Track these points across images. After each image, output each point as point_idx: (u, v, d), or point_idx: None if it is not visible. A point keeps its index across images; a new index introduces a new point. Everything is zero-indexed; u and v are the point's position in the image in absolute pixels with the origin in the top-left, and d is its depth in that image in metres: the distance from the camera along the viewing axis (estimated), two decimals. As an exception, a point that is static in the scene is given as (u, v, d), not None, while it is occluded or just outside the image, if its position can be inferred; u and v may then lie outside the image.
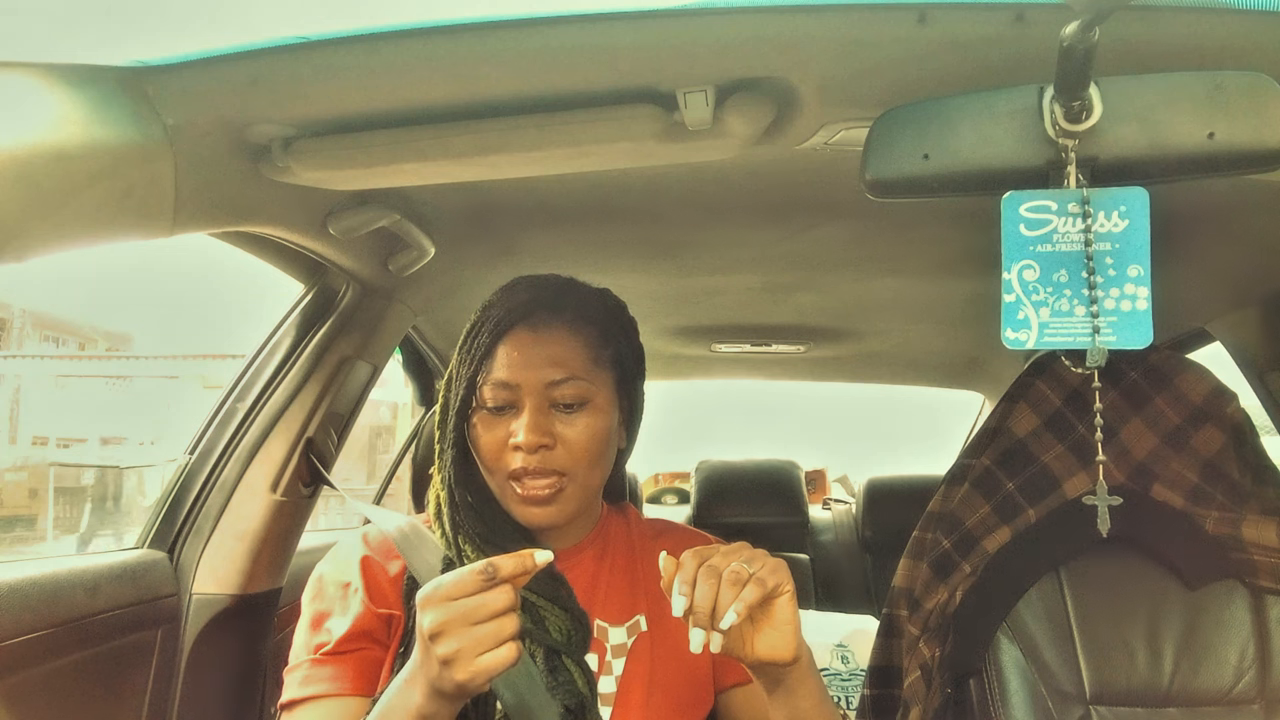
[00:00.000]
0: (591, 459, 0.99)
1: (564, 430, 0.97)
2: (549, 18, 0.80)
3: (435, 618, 0.76)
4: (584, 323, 1.02)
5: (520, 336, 0.99)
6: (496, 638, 0.76)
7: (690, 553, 0.82)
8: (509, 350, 0.99)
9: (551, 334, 1.00)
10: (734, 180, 1.26)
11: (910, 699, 1.32)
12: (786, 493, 3.09)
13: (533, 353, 0.98)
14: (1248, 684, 1.23)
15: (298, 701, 0.94)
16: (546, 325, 1.00)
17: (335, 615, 0.97)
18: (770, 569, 0.81)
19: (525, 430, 0.95)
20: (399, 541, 1.01)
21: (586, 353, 1.00)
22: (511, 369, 0.97)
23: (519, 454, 0.96)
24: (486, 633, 0.76)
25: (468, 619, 0.76)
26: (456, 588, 0.77)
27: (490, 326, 1.00)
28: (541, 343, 0.99)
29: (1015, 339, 0.79)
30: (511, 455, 0.97)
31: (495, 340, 0.99)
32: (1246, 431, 1.32)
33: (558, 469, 0.97)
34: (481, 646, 0.76)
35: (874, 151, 0.82)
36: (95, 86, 0.83)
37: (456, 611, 0.76)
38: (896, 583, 1.42)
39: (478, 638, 0.76)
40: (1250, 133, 0.76)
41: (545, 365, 0.98)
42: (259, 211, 1.14)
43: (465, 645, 0.76)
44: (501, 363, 0.98)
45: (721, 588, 0.78)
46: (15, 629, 1.12)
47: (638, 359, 1.09)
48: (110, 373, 12.12)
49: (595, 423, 0.99)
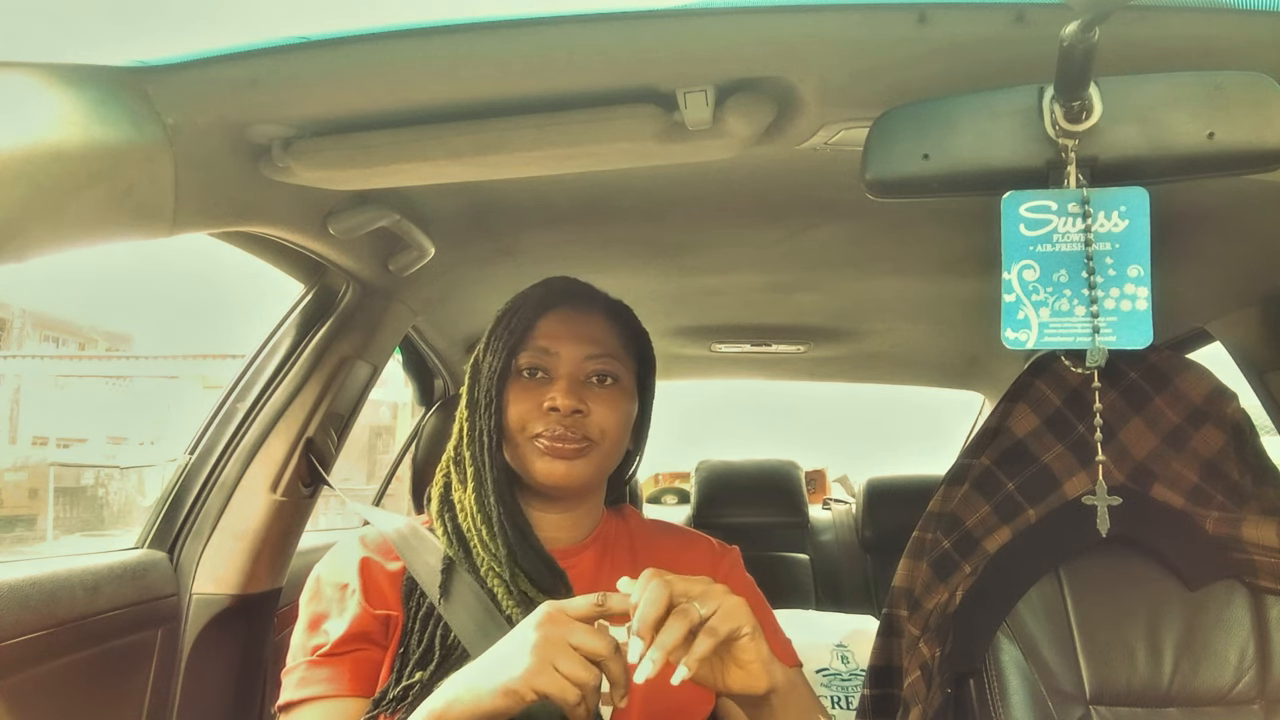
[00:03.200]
0: (616, 434, 1.03)
1: (595, 403, 1.02)
2: (549, 18, 0.80)
3: (547, 612, 0.81)
4: (615, 316, 1.10)
5: (562, 313, 1.05)
6: (575, 670, 0.77)
7: (648, 587, 0.80)
8: (550, 324, 1.04)
9: (589, 316, 1.07)
10: (734, 180, 1.26)
11: (910, 699, 1.32)
12: (786, 493, 3.09)
13: (573, 328, 1.04)
14: (1248, 684, 1.23)
15: (295, 703, 0.94)
16: (585, 309, 1.07)
17: (333, 616, 0.97)
18: (725, 614, 0.80)
19: (562, 394, 0.99)
20: (398, 543, 1.01)
21: (617, 339, 1.07)
22: (552, 339, 1.03)
23: (553, 416, 0.99)
24: (574, 658, 0.78)
25: (567, 633, 0.79)
26: (574, 608, 0.81)
27: (531, 305, 1.05)
28: (580, 321, 1.05)
29: (1015, 339, 0.79)
30: (544, 418, 1.00)
31: (536, 315, 1.05)
32: (1246, 431, 1.32)
33: (588, 435, 1.01)
34: (563, 662, 0.77)
35: (874, 151, 0.82)
36: (95, 86, 0.83)
37: (566, 621, 0.80)
38: (896, 583, 1.42)
39: (566, 652, 0.78)
40: (1250, 133, 0.76)
41: (584, 340, 1.04)
42: (259, 211, 1.14)
43: (557, 644, 0.78)
44: (542, 333, 1.04)
45: (671, 647, 0.77)
46: (15, 629, 1.12)
47: (651, 368, 1.14)
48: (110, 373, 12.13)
49: (622, 401, 1.04)
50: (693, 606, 0.79)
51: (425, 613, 0.97)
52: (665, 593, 0.79)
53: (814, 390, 3.31)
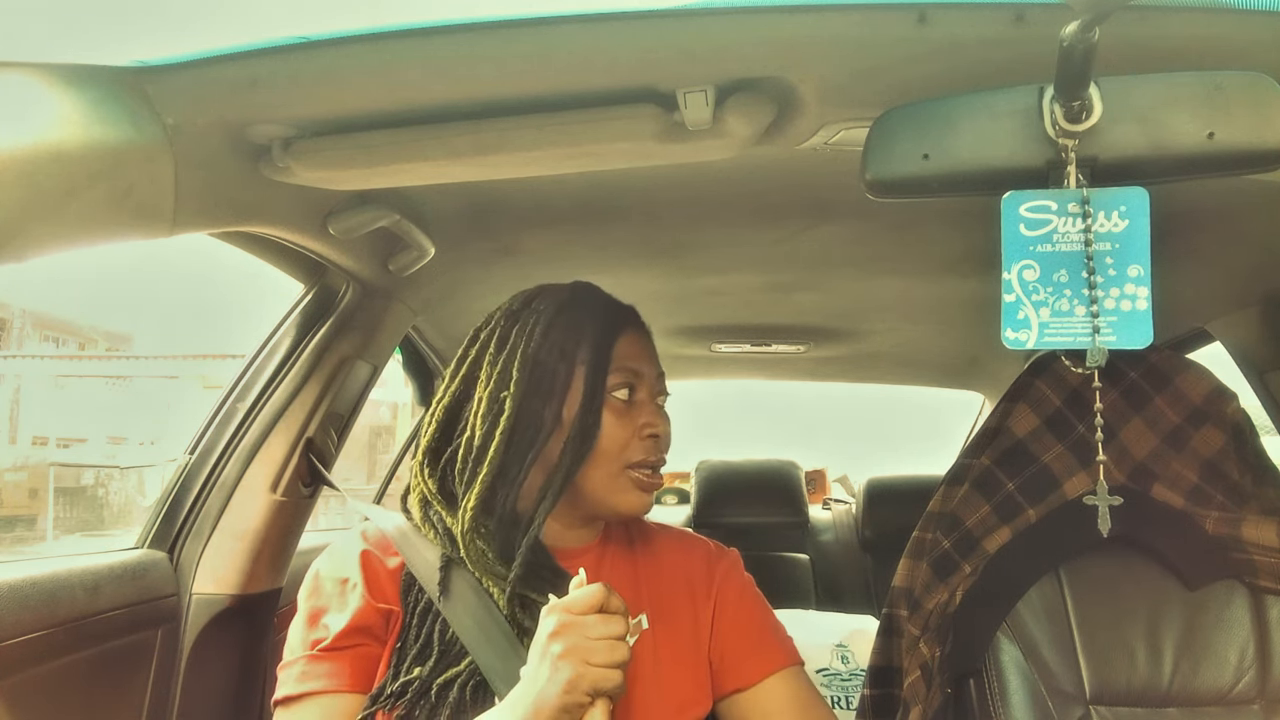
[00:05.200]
0: None
1: (665, 425, 1.03)
2: (549, 18, 0.80)
3: (558, 620, 0.83)
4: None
5: (634, 335, 1.05)
6: (609, 657, 0.82)
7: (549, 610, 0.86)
8: (628, 345, 1.03)
9: (648, 337, 1.08)
10: (734, 180, 1.26)
11: (910, 699, 1.31)
12: (786, 493, 3.08)
13: (647, 349, 1.05)
14: (1248, 684, 1.23)
15: (294, 698, 0.94)
16: (644, 329, 1.08)
17: (333, 611, 0.97)
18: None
19: (662, 420, 1.01)
20: (398, 540, 1.01)
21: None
22: (636, 360, 1.02)
23: (653, 442, 1.01)
24: (601, 647, 0.82)
25: (584, 630, 0.82)
26: (576, 603, 0.84)
27: (602, 325, 1.02)
28: (646, 340, 1.06)
29: (1015, 339, 0.79)
30: (643, 445, 1.00)
31: (613, 336, 1.02)
32: (1246, 431, 1.32)
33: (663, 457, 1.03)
34: (595, 657, 0.81)
35: (874, 151, 0.82)
36: (95, 86, 0.83)
37: (575, 620, 0.83)
38: (896, 583, 1.42)
39: (592, 647, 0.82)
40: (1250, 133, 0.76)
41: (654, 359, 1.05)
42: (259, 211, 1.14)
43: (581, 645, 0.82)
44: (625, 353, 1.02)
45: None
46: (15, 629, 1.12)
47: None
48: (110, 373, 12.12)
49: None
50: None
51: (424, 608, 0.97)
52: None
53: (814, 390, 3.31)
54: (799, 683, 1.05)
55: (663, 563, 1.10)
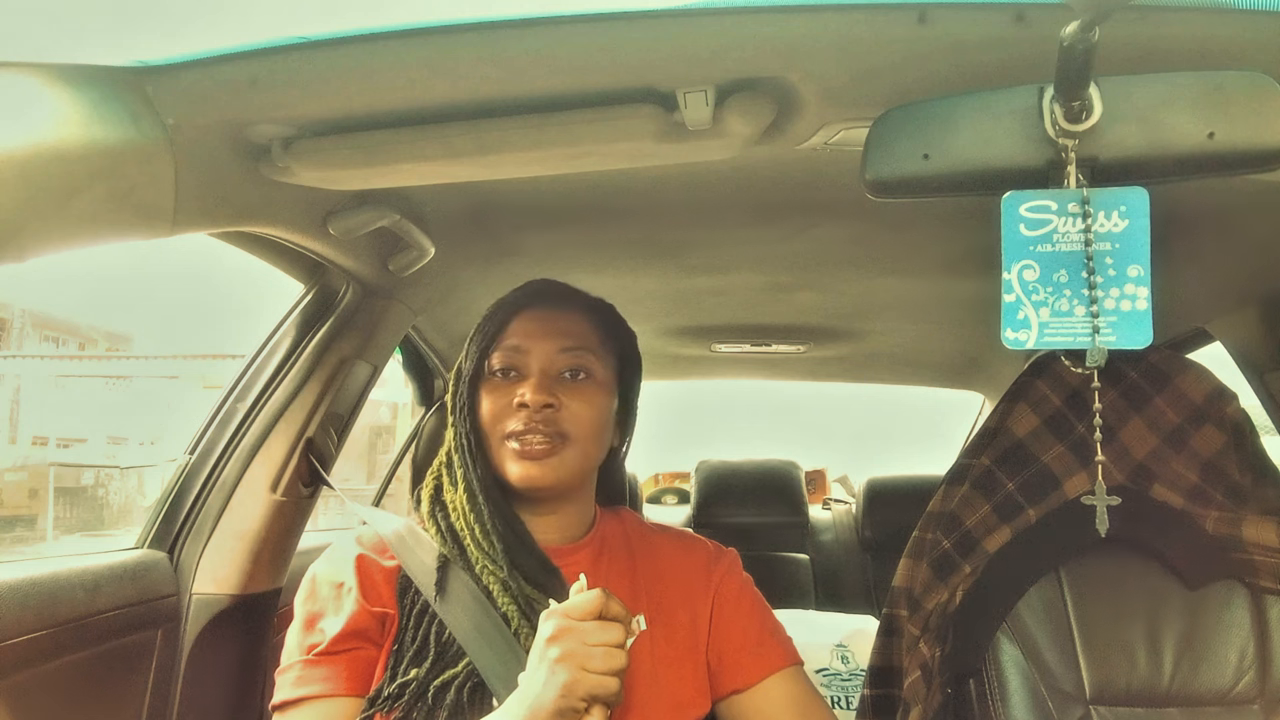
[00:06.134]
0: (591, 429, 1.03)
1: (567, 397, 1.02)
2: (549, 18, 0.80)
3: (556, 624, 0.84)
4: (592, 312, 1.10)
5: (533, 313, 1.06)
6: (606, 663, 0.83)
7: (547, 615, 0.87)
8: (522, 323, 1.05)
9: (562, 313, 1.07)
10: (734, 180, 1.26)
11: (910, 699, 1.31)
12: (786, 493, 3.09)
13: (546, 325, 1.05)
14: (1248, 684, 1.23)
15: (291, 702, 0.94)
16: (558, 307, 1.07)
17: (329, 615, 0.97)
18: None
19: (532, 390, 1.00)
20: (394, 543, 1.01)
21: (593, 334, 1.07)
22: (523, 337, 1.04)
23: (523, 412, 1.00)
24: (598, 654, 0.83)
25: (582, 636, 0.83)
26: (575, 609, 0.85)
27: (506, 307, 1.07)
28: (553, 319, 1.06)
29: (1015, 339, 0.79)
30: (515, 415, 1.00)
31: (509, 316, 1.06)
32: (1246, 431, 1.32)
33: (560, 430, 1.00)
34: (592, 663, 0.82)
35: (874, 151, 0.82)
36: (95, 86, 0.83)
37: (574, 625, 0.84)
38: (896, 583, 1.42)
39: (589, 653, 0.82)
40: (1250, 133, 0.76)
41: (555, 335, 1.04)
42: (259, 211, 1.14)
43: (579, 651, 0.82)
44: (514, 332, 1.05)
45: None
46: (15, 629, 1.12)
47: (636, 366, 1.14)
48: (110, 373, 12.13)
49: (597, 395, 1.04)
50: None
51: (420, 610, 0.97)
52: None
53: (814, 390, 3.32)
54: (798, 683, 1.05)
55: (661, 563, 1.10)
